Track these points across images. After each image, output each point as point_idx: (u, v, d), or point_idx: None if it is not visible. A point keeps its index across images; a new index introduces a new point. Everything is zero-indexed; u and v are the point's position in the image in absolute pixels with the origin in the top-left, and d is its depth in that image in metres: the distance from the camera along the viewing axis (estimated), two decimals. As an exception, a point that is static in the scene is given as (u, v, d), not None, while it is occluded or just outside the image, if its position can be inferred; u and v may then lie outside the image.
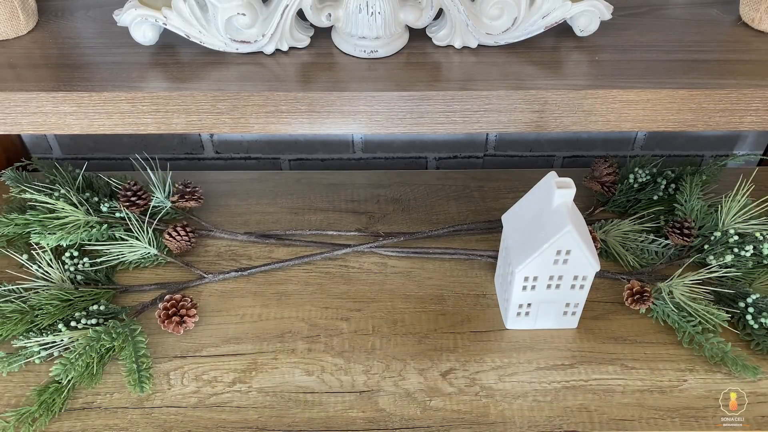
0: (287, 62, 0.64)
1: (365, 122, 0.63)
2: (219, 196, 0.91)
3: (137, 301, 0.77)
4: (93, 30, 0.68)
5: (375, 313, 0.77)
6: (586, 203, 0.88)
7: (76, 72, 0.62)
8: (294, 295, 0.79)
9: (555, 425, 0.66)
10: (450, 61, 0.64)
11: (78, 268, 0.78)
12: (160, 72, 0.62)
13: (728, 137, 1.02)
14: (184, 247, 0.81)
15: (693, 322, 0.72)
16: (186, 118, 0.62)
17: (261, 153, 1.03)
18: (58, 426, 0.66)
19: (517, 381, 0.70)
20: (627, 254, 0.81)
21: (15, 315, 0.71)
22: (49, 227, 0.79)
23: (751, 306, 0.73)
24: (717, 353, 0.70)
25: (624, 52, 0.65)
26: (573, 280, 0.69)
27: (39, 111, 0.61)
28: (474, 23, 0.62)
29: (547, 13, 0.62)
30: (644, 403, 0.68)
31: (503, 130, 0.64)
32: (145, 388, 0.67)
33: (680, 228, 0.80)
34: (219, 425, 0.66)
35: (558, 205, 0.65)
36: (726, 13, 0.70)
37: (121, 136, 0.99)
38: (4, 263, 0.80)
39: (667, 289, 0.75)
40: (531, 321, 0.74)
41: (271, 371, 0.71)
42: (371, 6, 0.59)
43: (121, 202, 0.83)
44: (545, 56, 0.65)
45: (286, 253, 0.84)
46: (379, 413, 0.67)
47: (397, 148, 1.02)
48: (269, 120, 0.62)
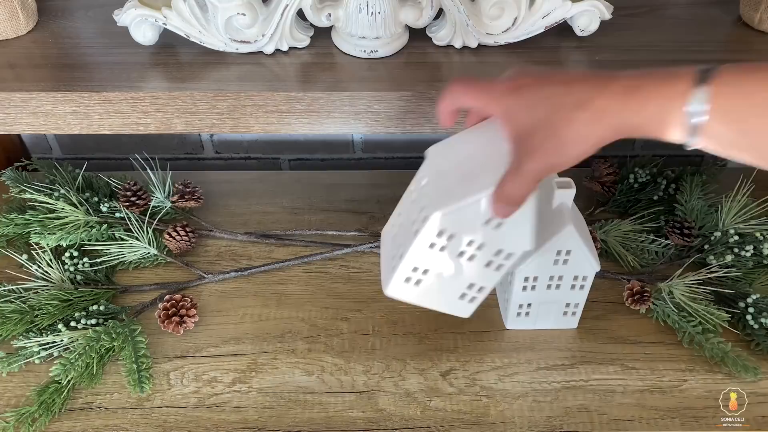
0: (287, 62, 0.64)
1: (365, 122, 0.63)
2: (219, 196, 0.91)
3: (137, 301, 0.77)
4: (93, 30, 0.68)
5: (375, 313, 0.77)
6: (586, 203, 0.88)
7: (76, 72, 0.62)
8: (294, 295, 0.79)
9: (555, 425, 0.66)
10: (450, 61, 0.64)
11: (78, 268, 0.78)
12: (160, 72, 0.62)
13: (728, 137, 1.02)
14: (184, 247, 0.81)
15: (693, 322, 0.72)
16: (186, 118, 0.62)
17: (261, 153, 1.03)
18: (57, 426, 0.66)
19: (518, 381, 0.70)
20: (627, 254, 0.81)
21: (15, 315, 0.71)
22: (49, 227, 0.79)
23: (752, 306, 0.73)
24: (717, 353, 0.69)
25: (624, 52, 0.65)
26: (573, 281, 0.69)
27: (39, 111, 0.61)
28: (474, 23, 0.62)
29: (548, 13, 0.62)
30: (644, 403, 0.68)
31: (503, 130, 0.64)
32: (145, 389, 0.67)
33: (680, 228, 0.80)
34: (219, 425, 0.66)
35: (558, 205, 0.65)
36: (726, 13, 0.70)
37: (121, 136, 0.99)
38: (3, 263, 0.80)
39: (668, 289, 0.75)
40: (531, 321, 0.74)
41: (271, 371, 0.71)
42: (371, 6, 0.59)
43: (121, 202, 0.83)
44: (545, 56, 0.65)
45: (286, 253, 0.84)
46: (379, 413, 0.67)
47: (397, 148, 1.02)
48: (269, 120, 0.62)
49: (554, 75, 0.44)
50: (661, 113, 0.38)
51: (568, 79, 0.42)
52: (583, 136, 0.41)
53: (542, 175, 0.45)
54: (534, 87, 0.43)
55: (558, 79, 0.43)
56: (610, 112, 0.40)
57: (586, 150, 0.42)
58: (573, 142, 0.41)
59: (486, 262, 0.55)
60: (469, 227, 0.52)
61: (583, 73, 0.43)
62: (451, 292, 0.58)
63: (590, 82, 0.41)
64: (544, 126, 0.42)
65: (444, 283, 0.57)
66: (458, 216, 0.51)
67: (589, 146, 0.42)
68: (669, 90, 0.38)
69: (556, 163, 0.43)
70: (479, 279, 0.57)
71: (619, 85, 0.40)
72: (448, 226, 0.52)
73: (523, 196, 0.47)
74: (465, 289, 0.58)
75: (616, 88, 0.40)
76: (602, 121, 0.40)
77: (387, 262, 0.59)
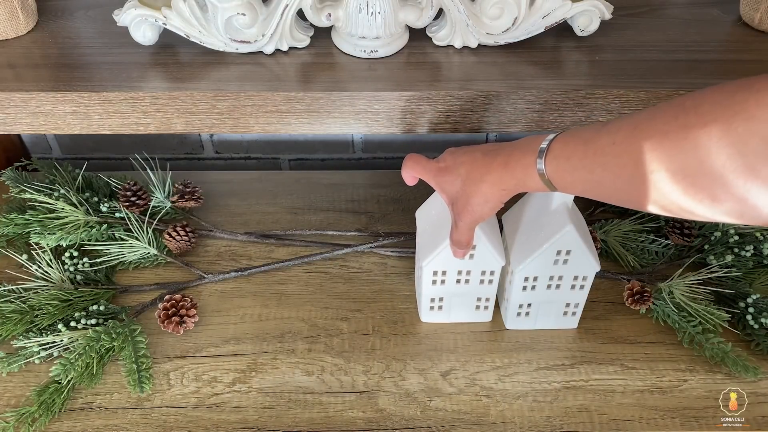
0: (287, 62, 0.64)
1: (365, 122, 0.63)
2: (219, 196, 0.91)
3: (137, 302, 0.77)
4: (93, 30, 0.68)
5: (375, 313, 0.77)
6: (586, 203, 0.88)
7: (76, 72, 0.62)
8: (294, 295, 0.79)
9: (555, 425, 0.66)
10: (450, 61, 0.64)
11: (78, 268, 0.78)
12: (160, 72, 0.62)
13: (728, 137, 1.02)
14: (184, 247, 0.81)
15: (693, 322, 0.72)
16: (186, 118, 0.62)
17: (261, 153, 1.03)
18: (57, 426, 0.66)
19: (517, 381, 0.70)
20: (627, 254, 0.81)
21: (15, 315, 0.71)
22: (49, 227, 0.79)
23: (752, 306, 0.73)
24: (717, 353, 0.69)
25: (624, 52, 0.65)
26: (573, 280, 0.69)
27: (39, 111, 0.61)
28: (474, 23, 0.62)
29: (548, 13, 0.62)
30: (644, 403, 0.68)
31: (503, 130, 0.64)
32: (145, 389, 0.67)
33: (680, 228, 0.80)
34: (219, 425, 0.66)
35: (558, 205, 0.65)
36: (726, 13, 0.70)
37: (120, 136, 0.99)
38: (3, 263, 0.80)
39: (668, 289, 0.75)
40: (531, 321, 0.74)
41: (271, 371, 0.71)
42: (371, 6, 0.59)
43: (121, 202, 0.83)
44: (545, 56, 0.65)
45: (286, 253, 0.84)
46: (379, 413, 0.67)
47: (397, 148, 1.02)
48: (269, 120, 0.62)
49: (463, 156, 0.58)
50: (524, 177, 0.52)
51: (471, 160, 0.57)
52: (487, 198, 0.56)
53: (472, 226, 0.60)
54: (452, 168, 0.58)
55: (465, 160, 0.57)
56: (497, 180, 0.55)
57: (494, 206, 0.57)
58: (482, 204, 0.57)
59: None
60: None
61: (481, 153, 0.57)
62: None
63: (484, 160, 0.56)
64: (462, 195, 0.58)
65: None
66: (440, 259, 0.67)
67: (495, 203, 0.57)
68: (525, 161, 0.52)
69: (477, 218, 0.59)
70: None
71: (499, 161, 0.54)
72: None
73: (467, 241, 0.63)
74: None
75: (498, 163, 0.54)
76: (495, 186, 0.55)
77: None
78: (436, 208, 0.70)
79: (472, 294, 0.72)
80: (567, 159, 0.48)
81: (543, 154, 0.50)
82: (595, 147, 0.46)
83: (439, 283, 0.70)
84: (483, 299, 0.73)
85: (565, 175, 0.49)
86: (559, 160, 0.49)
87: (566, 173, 0.49)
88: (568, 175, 0.49)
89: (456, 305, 0.73)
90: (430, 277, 0.70)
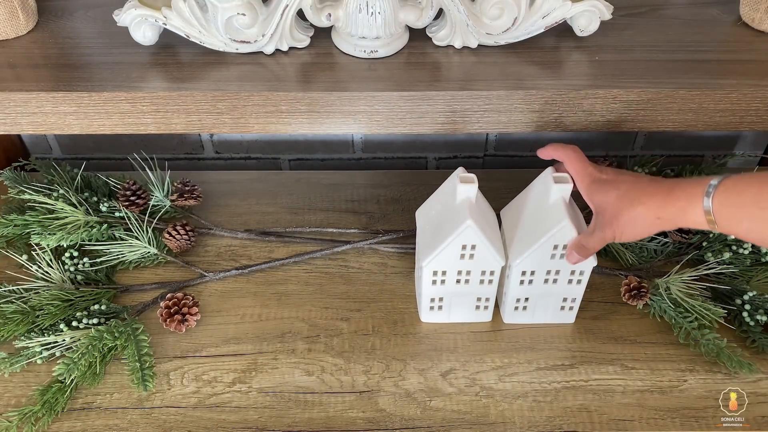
0: (287, 62, 0.64)
1: (365, 122, 0.63)
2: (219, 197, 0.92)
3: (138, 301, 0.77)
4: (93, 30, 0.68)
5: (375, 313, 0.77)
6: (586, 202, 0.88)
7: (76, 72, 0.62)
8: (294, 295, 0.79)
9: (555, 425, 0.66)
10: (450, 61, 0.64)
11: (78, 268, 0.78)
12: (160, 72, 0.62)
13: (728, 137, 1.02)
14: (184, 246, 0.81)
15: (689, 318, 0.72)
16: (186, 118, 0.62)
17: (261, 153, 1.03)
18: (58, 426, 0.66)
19: (517, 381, 0.70)
20: (625, 251, 0.81)
21: (16, 316, 0.71)
22: (49, 227, 0.79)
23: (748, 303, 0.73)
24: (712, 349, 0.70)
25: (624, 52, 0.65)
26: (570, 275, 0.69)
27: (39, 111, 0.61)
28: (474, 23, 0.62)
29: (547, 13, 0.62)
30: (644, 403, 0.68)
31: (503, 130, 0.64)
32: (149, 386, 0.67)
33: (680, 227, 0.80)
34: (219, 425, 0.66)
35: (555, 200, 0.65)
36: (726, 13, 0.70)
37: (120, 136, 0.99)
38: (4, 264, 0.80)
39: (665, 285, 0.75)
40: (529, 315, 0.74)
41: (271, 371, 0.71)
42: (371, 6, 0.59)
43: (121, 201, 0.83)
44: (545, 56, 0.65)
45: (286, 252, 0.84)
46: (379, 413, 0.67)
47: (397, 148, 1.02)
48: (269, 120, 0.62)
49: (628, 175, 0.59)
50: (686, 206, 0.53)
51: (635, 180, 0.58)
52: (637, 222, 0.56)
53: (606, 241, 0.60)
54: (613, 182, 0.59)
55: (629, 179, 0.59)
56: (656, 206, 0.55)
57: (640, 231, 0.57)
58: (629, 223, 0.57)
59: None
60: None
61: (648, 178, 0.58)
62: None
63: (648, 184, 0.57)
64: (612, 208, 0.58)
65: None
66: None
67: (642, 229, 0.57)
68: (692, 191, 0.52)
69: (616, 236, 0.59)
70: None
71: (663, 188, 0.55)
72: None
73: (591, 252, 0.63)
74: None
75: (662, 190, 0.55)
76: (651, 211, 0.55)
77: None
78: (436, 208, 0.70)
79: (472, 294, 0.72)
80: (738, 194, 0.49)
81: (713, 187, 0.51)
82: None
83: (439, 283, 0.70)
84: (483, 299, 0.73)
85: (733, 210, 0.50)
86: (730, 194, 0.50)
87: (735, 208, 0.50)
88: (737, 210, 0.50)
89: (456, 305, 0.73)
90: (430, 277, 0.70)
